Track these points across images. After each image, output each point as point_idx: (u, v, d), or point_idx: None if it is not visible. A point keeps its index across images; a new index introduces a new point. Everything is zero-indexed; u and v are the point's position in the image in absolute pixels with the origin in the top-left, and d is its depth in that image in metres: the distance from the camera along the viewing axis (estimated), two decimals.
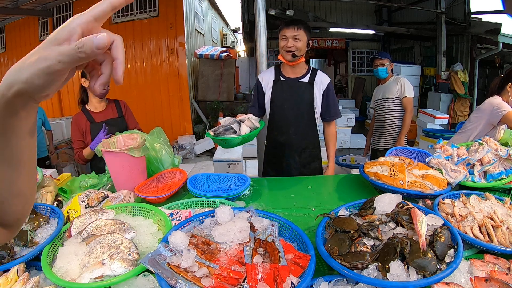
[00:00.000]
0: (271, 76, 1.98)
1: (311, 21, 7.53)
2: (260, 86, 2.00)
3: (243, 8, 7.64)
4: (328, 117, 2.02)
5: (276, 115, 1.97)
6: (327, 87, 1.96)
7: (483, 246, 0.92)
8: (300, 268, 0.82)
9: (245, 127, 1.59)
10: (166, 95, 6.64)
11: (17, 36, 7.62)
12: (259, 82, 2.01)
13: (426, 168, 1.41)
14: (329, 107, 1.98)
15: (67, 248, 0.95)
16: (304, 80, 1.94)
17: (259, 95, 2.01)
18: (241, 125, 1.61)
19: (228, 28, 14.44)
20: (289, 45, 1.81)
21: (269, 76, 1.99)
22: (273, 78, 1.97)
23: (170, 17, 6.40)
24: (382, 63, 2.92)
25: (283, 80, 1.95)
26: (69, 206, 1.29)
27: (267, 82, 1.98)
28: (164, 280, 0.76)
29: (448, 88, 6.56)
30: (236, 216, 1.00)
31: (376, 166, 1.44)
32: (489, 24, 5.83)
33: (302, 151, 2.00)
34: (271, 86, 1.96)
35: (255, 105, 2.02)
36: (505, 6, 4.88)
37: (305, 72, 1.96)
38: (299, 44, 1.82)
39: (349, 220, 0.99)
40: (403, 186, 1.28)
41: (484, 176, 1.37)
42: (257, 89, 2.02)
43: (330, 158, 2.08)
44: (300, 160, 2.01)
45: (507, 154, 1.38)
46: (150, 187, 1.54)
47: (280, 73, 1.97)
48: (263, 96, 1.99)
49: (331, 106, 1.98)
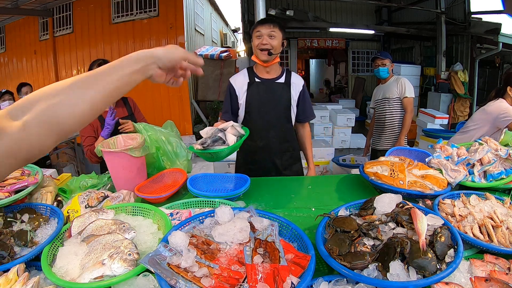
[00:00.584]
0: (245, 78, 1.85)
1: (311, 21, 7.54)
2: (233, 89, 1.86)
3: (243, 8, 7.63)
4: (304, 118, 1.96)
5: (253, 118, 1.85)
6: (302, 88, 1.90)
7: (483, 246, 0.92)
8: (300, 268, 0.82)
9: (231, 136, 1.46)
10: (166, 95, 6.64)
11: (17, 36, 7.62)
12: (231, 85, 1.87)
13: (426, 168, 1.41)
14: (306, 108, 1.93)
15: (67, 248, 0.95)
16: (280, 81, 1.86)
17: (232, 100, 1.86)
18: (226, 134, 1.48)
19: (228, 28, 14.44)
20: (264, 42, 1.71)
21: (243, 78, 1.86)
22: (248, 80, 1.84)
23: (170, 17, 6.40)
24: (383, 63, 2.92)
25: (259, 81, 1.83)
26: (69, 206, 1.29)
27: (241, 85, 1.85)
28: (164, 280, 0.76)
29: (448, 88, 6.56)
30: (236, 216, 1.00)
31: (376, 166, 1.44)
32: (489, 24, 5.83)
33: (283, 154, 1.93)
34: (246, 89, 1.83)
35: (228, 111, 1.86)
36: (505, 6, 4.88)
37: (281, 73, 1.88)
38: (274, 42, 1.73)
39: (349, 220, 0.99)
40: (403, 186, 1.28)
41: (484, 176, 1.37)
42: (229, 93, 1.87)
43: (309, 159, 2.04)
44: (281, 163, 1.93)
45: (507, 154, 1.38)
46: (150, 187, 1.54)
47: (254, 75, 1.85)
48: (236, 101, 1.86)
49: (307, 107, 1.93)
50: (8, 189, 1.23)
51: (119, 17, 6.62)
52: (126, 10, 6.51)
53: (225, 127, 1.51)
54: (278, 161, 1.92)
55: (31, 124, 0.48)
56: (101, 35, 6.69)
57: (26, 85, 3.56)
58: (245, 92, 1.83)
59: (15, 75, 7.51)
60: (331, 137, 6.15)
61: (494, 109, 2.21)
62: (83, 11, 6.76)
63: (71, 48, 6.95)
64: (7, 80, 7.57)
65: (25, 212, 1.19)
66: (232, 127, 1.51)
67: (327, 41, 9.34)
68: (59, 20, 6.96)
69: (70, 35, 6.93)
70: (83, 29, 6.80)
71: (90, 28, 6.76)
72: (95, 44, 6.74)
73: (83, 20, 6.76)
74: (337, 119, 6.09)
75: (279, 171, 1.93)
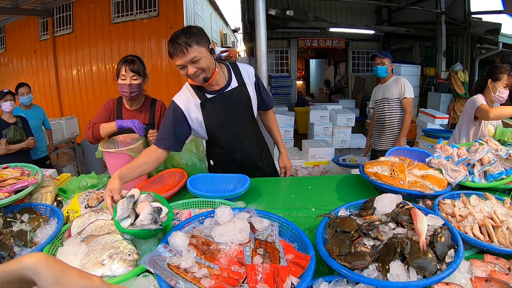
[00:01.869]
0: (192, 98, 1.56)
1: (311, 21, 7.54)
2: (180, 113, 1.54)
3: (243, 8, 7.64)
4: (265, 107, 1.81)
5: (220, 136, 1.64)
6: (255, 77, 1.69)
7: (483, 246, 0.92)
8: (300, 269, 0.82)
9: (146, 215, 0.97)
10: (166, 95, 6.61)
11: (17, 36, 7.61)
12: (178, 108, 1.54)
13: (426, 168, 1.41)
14: (264, 97, 1.76)
15: (66, 248, 0.95)
16: (233, 86, 1.61)
17: (175, 123, 1.53)
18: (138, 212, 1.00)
19: (228, 28, 14.44)
20: (190, 72, 1.41)
21: (189, 98, 1.56)
22: (197, 100, 1.56)
23: (170, 17, 6.40)
24: (383, 61, 2.92)
25: (212, 97, 1.56)
26: (69, 206, 1.29)
27: (190, 106, 1.55)
28: (164, 280, 0.76)
29: (448, 88, 6.56)
30: (236, 216, 1.00)
31: (376, 166, 1.44)
32: (489, 24, 5.83)
33: (261, 154, 1.80)
34: (199, 110, 1.56)
35: (169, 137, 1.49)
36: (505, 6, 4.88)
37: (228, 76, 1.61)
38: (202, 63, 1.40)
39: (349, 220, 0.99)
40: (403, 186, 1.28)
41: (484, 176, 1.37)
42: (173, 117, 1.53)
43: (279, 143, 1.88)
44: (263, 163, 1.81)
45: (507, 154, 1.38)
46: (150, 187, 1.54)
47: (202, 91, 1.56)
48: (187, 126, 1.57)
49: (265, 96, 1.76)
50: (8, 189, 1.23)
51: (119, 17, 6.62)
52: (126, 10, 6.50)
53: (129, 200, 1.02)
54: (260, 163, 1.80)
55: None
56: (101, 35, 6.68)
57: (24, 86, 3.55)
58: (200, 112, 1.56)
59: (15, 75, 7.50)
60: (331, 137, 6.15)
61: (468, 102, 2.34)
62: (83, 11, 6.76)
63: (71, 48, 6.94)
64: (7, 80, 7.57)
65: (25, 212, 1.19)
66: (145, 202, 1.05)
67: (327, 41, 9.34)
68: (59, 20, 6.96)
69: (70, 35, 6.92)
70: (83, 29, 6.80)
71: (90, 28, 6.75)
72: (95, 44, 6.73)
73: (83, 20, 6.75)
74: (337, 119, 6.09)
75: (264, 172, 1.81)
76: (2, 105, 2.98)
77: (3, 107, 2.98)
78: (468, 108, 2.32)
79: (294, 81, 9.56)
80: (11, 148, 2.93)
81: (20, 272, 0.46)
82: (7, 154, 2.90)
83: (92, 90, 6.78)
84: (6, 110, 2.99)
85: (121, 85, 1.78)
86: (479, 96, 2.28)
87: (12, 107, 3.04)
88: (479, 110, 2.19)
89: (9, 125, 2.98)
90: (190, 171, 1.66)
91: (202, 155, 1.81)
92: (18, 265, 0.47)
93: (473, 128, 2.33)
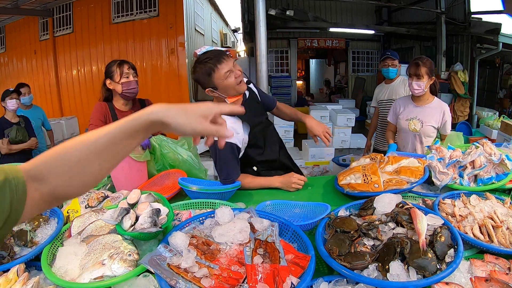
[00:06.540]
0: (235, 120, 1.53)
1: (311, 21, 7.54)
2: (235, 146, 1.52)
3: (243, 8, 7.64)
4: (269, 106, 1.83)
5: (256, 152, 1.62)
6: (254, 86, 1.76)
7: (483, 246, 0.92)
8: (300, 269, 0.82)
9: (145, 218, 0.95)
10: (166, 95, 6.63)
11: (17, 36, 7.62)
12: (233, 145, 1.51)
13: (398, 160, 1.39)
14: (265, 99, 1.79)
15: (66, 248, 0.95)
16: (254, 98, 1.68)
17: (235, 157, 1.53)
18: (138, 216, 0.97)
19: (228, 28, 14.44)
20: (238, 73, 1.44)
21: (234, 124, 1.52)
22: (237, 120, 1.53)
23: (170, 17, 6.40)
24: (394, 63, 2.87)
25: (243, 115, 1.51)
26: (69, 206, 1.29)
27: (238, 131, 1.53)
28: (164, 280, 0.76)
29: (448, 88, 6.55)
30: (236, 216, 1.00)
31: (349, 176, 1.42)
32: (489, 24, 5.82)
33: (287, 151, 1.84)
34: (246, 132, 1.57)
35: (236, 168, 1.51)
36: (505, 6, 4.88)
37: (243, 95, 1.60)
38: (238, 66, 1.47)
39: (349, 220, 0.99)
40: (379, 189, 1.27)
41: (474, 180, 1.35)
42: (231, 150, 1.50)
43: (301, 115, 1.85)
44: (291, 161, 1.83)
45: (499, 159, 1.35)
46: (150, 188, 1.53)
47: None
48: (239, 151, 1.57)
49: (265, 98, 1.80)
50: None
51: (119, 17, 6.62)
52: (126, 10, 6.51)
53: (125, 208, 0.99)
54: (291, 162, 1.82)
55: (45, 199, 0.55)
56: (101, 35, 6.68)
57: (24, 86, 3.55)
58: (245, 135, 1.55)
59: (15, 75, 7.50)
60: (331, 137, 6.14)
61: None
62: (83, 11, 6.76)
63: (71, 48, 6.95)
64: (7, 80, 7.57)
65: None
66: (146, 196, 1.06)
67: (327, 41, 9.33)
68: (59, 20, 6.96)
69: (70, 35, 6.93)
70: (83, 29, 6.80)
71: (90, 28, 6.76)
72: (95, 44, 6.74)
73: (83, 20, 6.76)
74: (337, 119, 6.09)
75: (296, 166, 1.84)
76: (8, 102, 2.96)
77: (9, 104, 2.96)
78: None
79: (294, 81, 9.56)
80: (13, 148, 2.93)
81: (148, 119, 0.57)
82: (8, 154, 2.90)
83: (92, 90, 6.78)
84: (11, 107, 2.97)
85: (128, 82, 1.80)
86: None
87: (17, 105, 3.03)
88: None
89: (11, 125, 2.97)
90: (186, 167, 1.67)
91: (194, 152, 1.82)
92: (144, 115, 0.57)
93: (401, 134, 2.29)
